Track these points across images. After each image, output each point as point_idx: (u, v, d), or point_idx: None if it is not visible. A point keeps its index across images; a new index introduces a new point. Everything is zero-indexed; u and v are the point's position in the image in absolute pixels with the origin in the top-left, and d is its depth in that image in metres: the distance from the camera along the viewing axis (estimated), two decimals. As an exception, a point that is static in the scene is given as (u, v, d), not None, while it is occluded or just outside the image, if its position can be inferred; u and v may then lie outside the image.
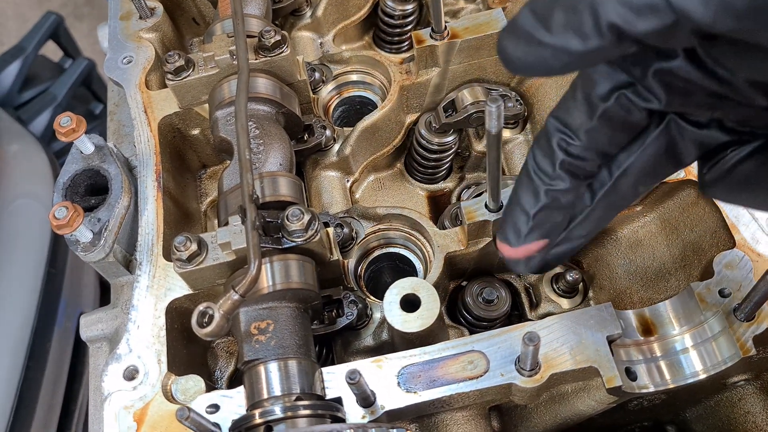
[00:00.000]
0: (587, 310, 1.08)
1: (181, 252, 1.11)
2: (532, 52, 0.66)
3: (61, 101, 3.66)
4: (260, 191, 1.17)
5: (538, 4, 0.66)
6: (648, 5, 0.57)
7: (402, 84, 1.47)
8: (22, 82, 3.63)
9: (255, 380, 1.06)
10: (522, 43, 0.66)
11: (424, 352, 1.08)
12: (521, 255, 0.89)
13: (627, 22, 0.59)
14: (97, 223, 1.25)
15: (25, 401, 2.54)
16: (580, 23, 0.61)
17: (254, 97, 1.29)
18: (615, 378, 1.03)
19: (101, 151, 1.33)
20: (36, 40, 3.64)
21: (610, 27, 0.60)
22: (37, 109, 3.60)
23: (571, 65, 0.65)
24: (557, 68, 0.66)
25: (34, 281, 2.77)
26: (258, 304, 1.10)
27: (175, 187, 1.38)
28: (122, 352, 1.15)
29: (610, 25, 0.59)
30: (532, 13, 0.65)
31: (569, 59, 0.64)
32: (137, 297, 1.19)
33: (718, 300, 1.10)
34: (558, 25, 0.63)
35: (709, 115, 0.79)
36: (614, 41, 0.61)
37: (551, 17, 0.63)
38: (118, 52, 1.49)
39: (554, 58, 0.64)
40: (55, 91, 3.70)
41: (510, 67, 0.70)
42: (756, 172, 0.78)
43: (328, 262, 1.20)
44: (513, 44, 0.67)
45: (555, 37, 0.63)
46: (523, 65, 0.68)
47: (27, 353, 2.59)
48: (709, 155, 0.83)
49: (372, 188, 1.59)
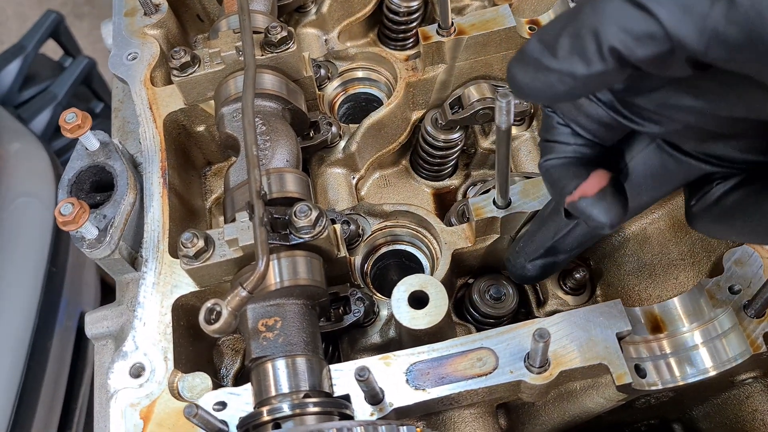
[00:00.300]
0: (596, 307, 1.08)
1: (188, 248, 1.11)
2: (539, 78, 0.69)
3: (62, 100, 3.65)
4: (267, 187, 1.17)
5: (545, 33, 0.69)
6: (647, 33, 0.61)
7: (408, 81, 1.47)
8: (22, 81, 3.62)
9: (263, 377, 1.05)
10: (530, 70, 0.70)
11: (432, 349, 1.08)
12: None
13: (627, 48, 0.62)
14: (103, 220, 1.25)
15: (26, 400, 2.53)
16: (583, 48, 0.64)
17: (260, 93, 1.28)
18: (625, 375, 1.02)
19: (106, 148, 1.33)
20: (36, 38, 3.62)
21: (612, 51, 0.63)
22: (37, 108, 3.58)
23: (576, 89, 0.68)
24: (563, 93, 0.69)
25: (35, 280, 2.77)
26: (265, 300, 1.09)
27: (181, 184, 1.37)
28: (128, 350, 1.14)
29: (611, 49, 0.63)
30: (540, 41, 0.69)
31: (574, 83, 0.67)
32: (143, 294, 1.18)
33: (727, 296, 1.10)
34: (563, 50, 0.66)
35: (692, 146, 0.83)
36: (616, 66, 0.64)
37: (557, 44, 0.67)
38: (123, 48, 1.48)
39: (560, 82, 0.68)
40: (55, 89, 3.69)
41: (519, 94, 0.73)
42: (741, 205, 0.82)
43: (336, 259, 1.19)
44: (522, 71, 0.71)
45: (561, 62, 0.67)
46: (531, 91, 0.71)
47: (28, 352, 2.59)
48: (696, 186, 0.88)
49: (377, 185, 1.59)
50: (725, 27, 0.57)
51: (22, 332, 2.61)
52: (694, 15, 0.58)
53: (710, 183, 0.86)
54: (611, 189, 0.89)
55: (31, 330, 2.66)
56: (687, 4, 0.58)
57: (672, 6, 0.59)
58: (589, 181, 0.89)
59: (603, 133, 0.91)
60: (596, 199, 0.88)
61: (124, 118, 1.58)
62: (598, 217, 0.88)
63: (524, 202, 1.20)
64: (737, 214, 0.82)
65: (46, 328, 2.76)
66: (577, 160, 0.92)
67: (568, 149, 0.93)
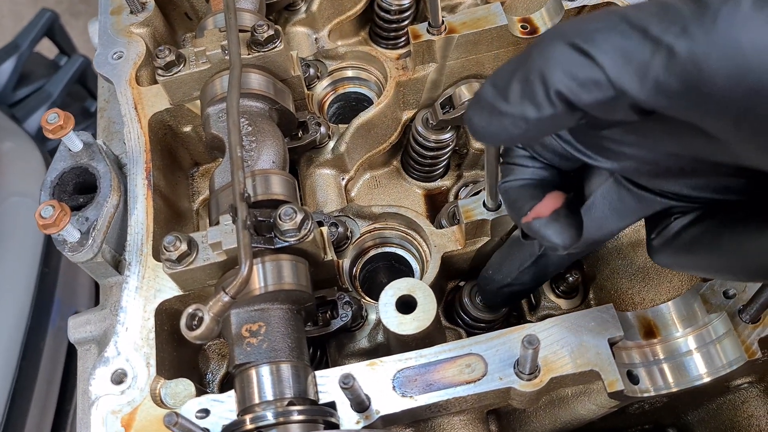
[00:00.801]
0: (588, 312, 1.06)
1: (171, 252, 1.08)
2: (494, 122, 0.71)
3: (56, 99, 3.62)
4: (252, 189, 1.14)
5: (498, 77, 0.71)
6: (591, 80, 0.62)
7: (398, 80, 1.44)
8: (16, 80, 3.60)
9: (246, 384, 1.03)
10: (485, 114, 0.71)
11: (420, 354, 1.05)
12: None
13: (573, 93, 0.63)
14: (85, 223, 1.22)
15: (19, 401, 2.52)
16: (533, 93, 0.66)
17: (247, 93, 1.26)
18: (617, 382, 1.00)
19: (90, 149, 1.30)
20: (31, 37, 3.60)
21: (559, 95, 0.64)
22: (31, 107, 3.56)
23: (529, 132, 0.69)
24: (518, 136, 0.70)
25: (28, 280, 2.75)
26: (249, 305, 1.07)
27: (166, 186, 1.35)
28: (110, 355, 1.12)
29: (558, 94, 0.64)
30: (493, 86, 0.71)
31: (526, 126, 0.68)
32: (126, 298, 1.16)
33: (722, 301, 1.07)
34: (515, 95, 0.68)
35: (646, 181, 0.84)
36: (565, 110, 0.65)
37: (509, 89, 0.68)
38: (108, 47, 1.46)
39: (513, 125, 0.69)
40: (50, 88, 3.66)
41: (476, 136, 0.75)
42: (699, 240, 0.82)
43: (322, 263, 1.17)
44: (478, 115, 0.72)
45: (512, 106, 0.68)
46: (487, 133, 0.73)
47: (20, 353, 2.57)
48: (656, 220, 0.88)
49: (368, 186, 1.56)
50: (665, 77, 0.57)
51: (15, 333, 2.59)
52: (636, 64, 0.59)
53: (669, 217, 0.86)
54: (565, 210, 0.88)
55: (24, 331, 2.64)
56: (628, 52, 0.59)
57: (614, 54, 0.60)
58: (543, 202, 0.89)
59: (559, 162, 0.91)
60: (550, 220, 0.88)
61: (109, 118, 1.55)
62: (551, 238, 0.88)
63: (515, 205, 1.17)
64: (696, 249, 0.82)
65: (39, 329, 2.74)
66: (535, 182, 0.92)
67: (527, 171, 0.93)
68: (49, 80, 3.65)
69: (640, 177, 0.84)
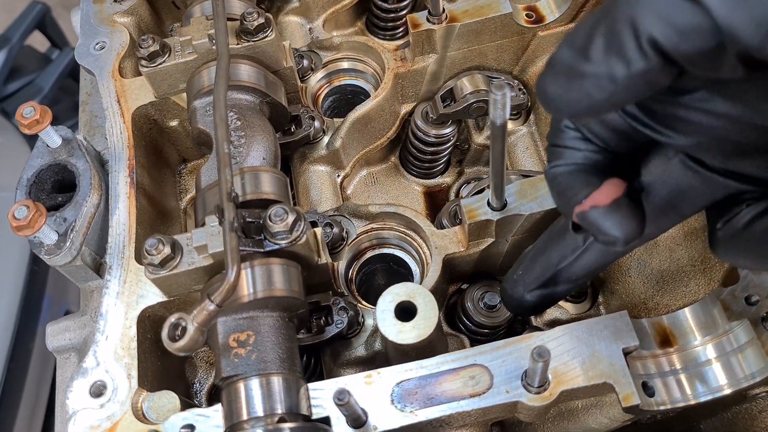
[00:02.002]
0: (601, 320, 0.98)
1: (153, 256, 1.01)
2: (573, 87, 0.61)
3: (48, 93, 3.56)
4: (241, 188, 1.07)
5: (575, 35, 0.61)
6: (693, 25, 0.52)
7: (396, 72, 1.37)
8: (7, 74, 3.54)
9: (234, 398, 0.95)
10: (562, 79, 0.62)
11: (420, 366, 0.98)
12: None
13: (671, 42, 0.54)
14: (63, 224, 1.15)
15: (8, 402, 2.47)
16: (621, 45, 0.56)
17: (236, 86, 1.18)
18: (632, 395, 0.93)
19: (69, 145, 1.22)
20: (21, 30, 3.54)
21: (653, 45, 0.55)
22: (22, 101, 3.46)
23: (616, 96, 0.59)
24: (603, 101, 0.60)
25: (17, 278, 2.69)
26: (237, 313, 0.99)
27: (151, 184, 1.27)
28: (89, 366, 1.05)
29: (652, 41, 0.54)
30: (569, 45, 0.61)
31: (614, 88, 0.58)
32: (106, 305, 1.08)
33: (744, 308, 1.00)
34: (598, 51, 0.58)
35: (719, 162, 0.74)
36: (660, 63, 0.55)
37: (591, 45, 0.59)
38: (91, 37, 1.38)
39: (598, 89, 0.59)
40: (41, 82, 3.60)
41: (551, 108, 0.65)
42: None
43: (316, 266, 1.09)
44: (553, 82, 0.63)
45: (596, 64, 0.58)
46: (566, 103, 0.63)
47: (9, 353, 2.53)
48: (723, 207, 0.79)
49: (364, 183, 1.49)
50: None
51: (3, 332, 2.54)
52: (751, 3, 0.49)
53: (739, 204, 0.77)
54: (626, 199, 0.79)
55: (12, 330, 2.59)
56: None
57: None
58: (601, 190, 0.79)
59: (617, 141, 0.82)
60: (610, 209, 0.78)
61: (91, 112, 1.47)
62: (610, 231, 0.78)
63: (521, 204, 1.10)
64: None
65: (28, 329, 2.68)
66: (588, 168, 0.83)
67: (578, 155, 0.83)
68: (40, 74, 3.58)
69: (714, 156, 0.74)
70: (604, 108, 0.62)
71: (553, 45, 1.39)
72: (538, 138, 1.43)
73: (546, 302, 1.10)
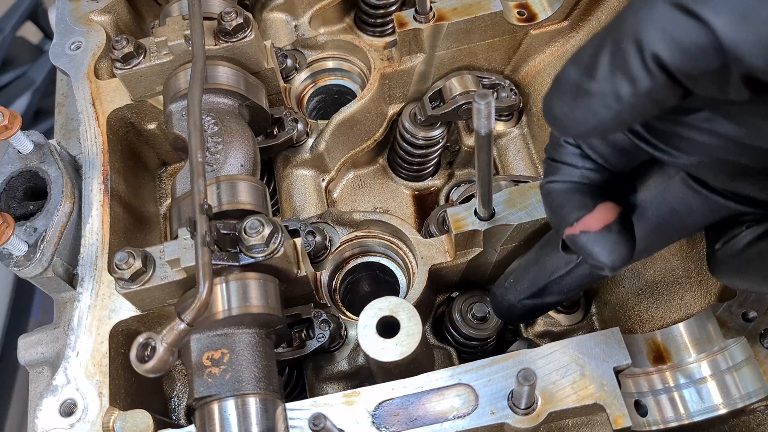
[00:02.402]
0: (591, 337, 0.94)
1: (123, 270, 0.97)
2: (579, 106, 0.60)
3: (40, 86, 3.52)
4: (216, 198, 1.02)
5: (581, 53, 0.61)
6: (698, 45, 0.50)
7: (383, 72, 1.32)
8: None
9: (208, 420, 0.92)
10: (568, 98, 0.61)
11: (402, 385, 0.94)
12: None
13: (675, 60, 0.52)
14: (33, 234, 1.10)
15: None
16: (626, 63, 0.55)
17: (213, 89, 1.14)
18: (624, 417, 0.89)
19: (41, 150, 1.18)
20: (13, 20, 3.48)
21: (657, 63, 0.53)
22: (13, 94, 3.45)
23: (623, 114, 0.58)
24: (609, 120, 0.59)
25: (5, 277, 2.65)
26: (212, 330, 0.95)
27: (127, 190, 1.22)
28: (59, 384, 1.01)
29: (656, 59, 0.53)
30: (576, 63, 0.61)
31: (620, 107, 0.57)
32: (77, 319, 1.04)
33: (741, 324, 0.96)
34: (603, 68, 0.57)
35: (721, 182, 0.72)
36: (665, 82, 0.54)
37: (596, 63, 0.58)
38: (66, 36, 1.33)
39: (603, 107, 0.58)
40: (33, 74, 3.56)
41: (558, 128, 0.64)
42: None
43: (296, 279, 1.05)
44: (559, 101, 0.62)
45: (601, 83, 0.57)
46: (572, 122, 0.61)
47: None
48: (722, 228, 0.78)
49: (351, 187, 1.44)
50: None
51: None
52: (756, 23, 0.47)
53: (739, 226, 0.75)
54: (618, 226, 0.77)
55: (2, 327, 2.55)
56: (746, 9, 0.47)
57: (728, 12, 0.48)
58: (594, 214, 0.77)
59: (617, 158, 0.79)
60: (600, 235, 0.76)
61: (67, 114, 1.42)
62: (599, 257, 0.76)
63: (510, 213, 1.06)
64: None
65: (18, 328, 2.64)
66: (584, 187, 0.80)
67: (575, 173, 0.81)
68: (33, 66, 3.53)
69: (716, 176, 0.72)
70: (611, 127, 0.61)
71: (545, 44, 1.34)
72: (530, 140, 1.38)
73: (536, 312, 1.09)
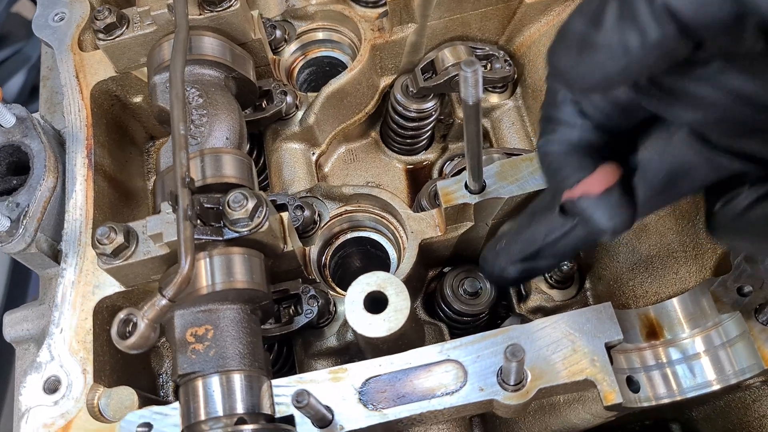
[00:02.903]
0: (583, 312, 0.92)
1: (105, 245, 0.95)
2: (585, 59, 0.57)
3: (36, 62, 3.46)
4: (200, 171, 1.00)
5: (588, 4, 0.58)
6: None
7: (374, 43, 1.29)
8: (-7, 43, 3.43)
9: (192, 397, 0.90)
10: (573, 50, 0.58)
11: (390, 361, 0.93)
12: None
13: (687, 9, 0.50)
14: (16, 209, 1.08)
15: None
16: (634, 12, 0.53)
17: (198, 60, 1.11)
18: (614, 394, 0.87)
19: (23, 124, 1.15)
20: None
21: (668, 12, 0.51)
22: (9, 71, 3.40)
23: (631, 68, 0.55)
24: (616, 73, 0.56)
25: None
26: (195, 306, 0.93)
27: (112, 164, 1.20)
28: (43, 360, 0.99)
29: (666, 7, 0.51)
30: (581, 14, 0.58)
31: (628, 59, 0.54)
32: (61, 295, 1.03)
33: (736, 299, 0.94)
34: (611, 18, 0.55)
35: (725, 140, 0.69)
36: (676, 33, 0.51)
37: (603, 12, 0.55)
38: (49, 7, 1.30)
39: (611, 60, 0.55)
40: (28, 51, 3.50)
41: (563, 81, 0.62)
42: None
43: (282, 254, 1.03)
44: (564, 54, 0.59)
45: (608, 34, 0.54)
46: (578, 76, 0.59)
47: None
48: (722, 189, 0.75)
49: (343, 160, 1.42)
50: None
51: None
52: None
53: (740, 186, 0.72)
54: (619, 189, 0.74)
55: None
56: None
57: None
58: (594, 176, 0.74)
59: (617, 116, 0.76)
60: (601, 198, 0.74)
61: (52, 88, 1.40)
62: (599, 221, 0.74)
63: (501, 186, 1.03)
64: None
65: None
66: (583, 147, 0.77)
67: (572, 132, 0.77)
68: (28, 42, 3.48)
69: (720, 133, 0.69)
70: (618, 81, 0.58)
71: (541, 13, 1.30)
72: (525, 113, 1.35)
73: (528, 276, 1.06)
